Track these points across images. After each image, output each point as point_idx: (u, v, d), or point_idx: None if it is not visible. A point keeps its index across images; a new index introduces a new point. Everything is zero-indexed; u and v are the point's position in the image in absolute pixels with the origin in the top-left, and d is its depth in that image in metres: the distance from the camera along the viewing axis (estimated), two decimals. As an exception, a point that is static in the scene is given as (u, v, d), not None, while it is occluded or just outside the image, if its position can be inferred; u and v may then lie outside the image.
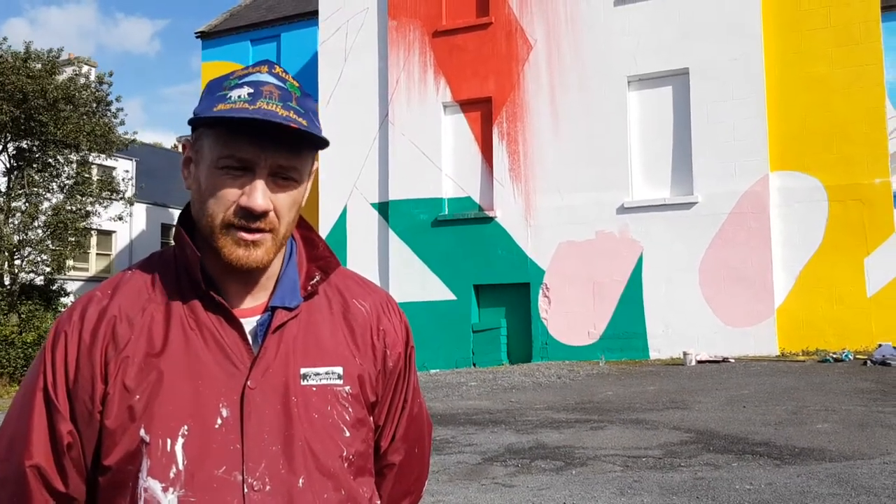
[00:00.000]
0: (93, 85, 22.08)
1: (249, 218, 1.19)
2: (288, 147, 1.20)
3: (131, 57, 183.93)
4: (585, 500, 5.70)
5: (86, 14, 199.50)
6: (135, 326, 1.23)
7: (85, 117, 21.33)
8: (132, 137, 23.52)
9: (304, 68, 22.76)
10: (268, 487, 1.18)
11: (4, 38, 21.42)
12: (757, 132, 15.73)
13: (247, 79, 1.21)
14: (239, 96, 1.18)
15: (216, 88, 1.22)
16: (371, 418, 1.33)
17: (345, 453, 1.24)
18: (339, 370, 1.26)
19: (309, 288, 1.30)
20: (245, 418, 1.19)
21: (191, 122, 1.22)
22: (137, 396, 1.19)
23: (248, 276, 1.26)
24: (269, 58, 24.50)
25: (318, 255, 1.34)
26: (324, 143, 1.22)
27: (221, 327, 1.23)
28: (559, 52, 17.44)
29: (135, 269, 1.31)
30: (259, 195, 1.19)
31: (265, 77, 1.21)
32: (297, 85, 1.24)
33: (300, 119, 1.18)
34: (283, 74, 1.24)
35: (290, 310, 1.26)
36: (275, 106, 1.17)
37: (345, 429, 1.25)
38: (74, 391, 1.21)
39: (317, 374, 1.24)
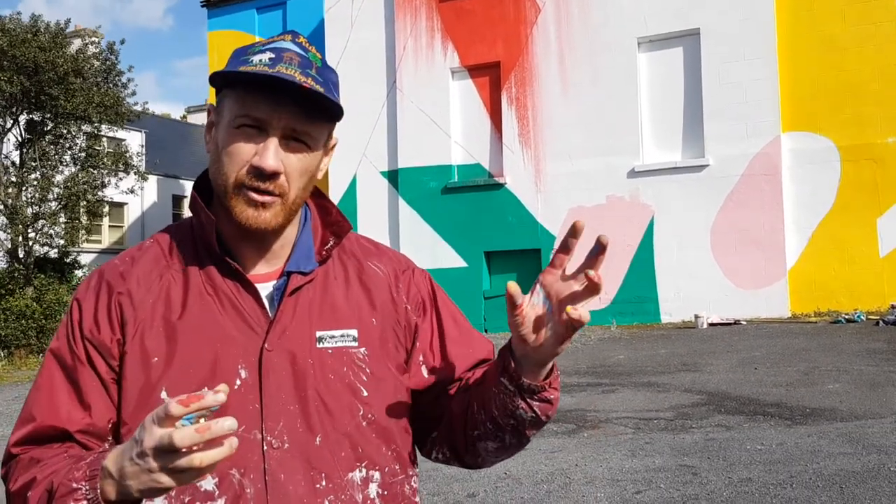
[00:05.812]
0: (103, 53, 21.95)
1: (260, 177, 1.21)
2: (302, 110, 1.22)
3: (145, 32, 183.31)
4: (597, 462, 5.77)
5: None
6: (152, 292, 1.26)
7: (94, 88, 21.25)
8: (142, 108, 23.40)
9: (311, 35, 22.56)
10: (286, 445, 1.21)
11: (18, 13, 21.35)
12: (769, 93, 15.56)
13: (270, 45, 1.24)
14: (260, 60, 1.21)
15: (241, 54, 1.25)
16: (404, 376, 1.33)
17: (362, 412, 1.27)
18: (354, 332, 1.29)
19: (324, 253, 1.33)
20: (263, 379, 1.22)
21: (211, 79, 1.24)
22: (156, 359, 1.22)
23: (263, 243, 1.28)
24: (275, 25, 24.21)
25: (332, 220, 1.36)
26: (338, 109, 1.24)
27: (238, 292, 1.26)
28: (568, 14, 17.25)
29: (152, 240, 1.34)
30: (270, 155, 1.20)
31: (288, 45, 1.25)
32: (319, 56, 1.27)
33: (317, 87, 1.20)
34: (307, 45, 1.27)
35: (305, 274, 1.29)
36: (293, 71, 1.20)
37: (362, 389, 1.27)
38: (93, 344, 1.24)
39: (332, 337, 1.27)
